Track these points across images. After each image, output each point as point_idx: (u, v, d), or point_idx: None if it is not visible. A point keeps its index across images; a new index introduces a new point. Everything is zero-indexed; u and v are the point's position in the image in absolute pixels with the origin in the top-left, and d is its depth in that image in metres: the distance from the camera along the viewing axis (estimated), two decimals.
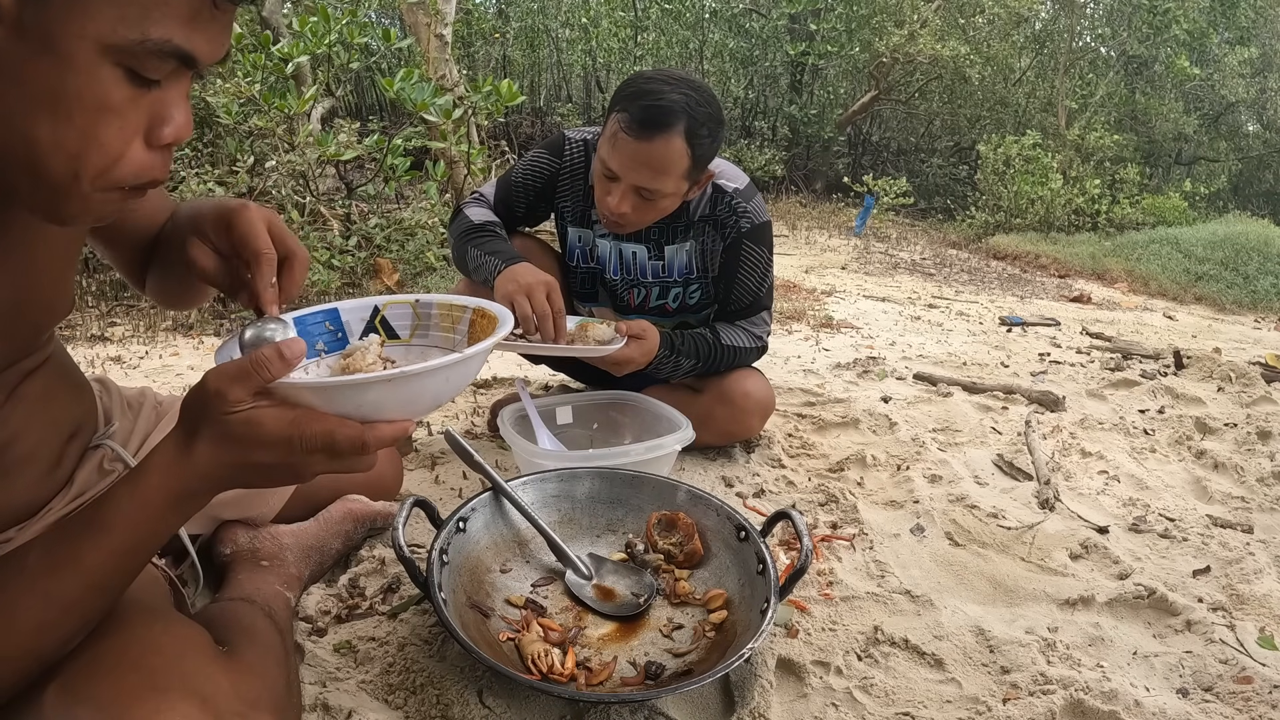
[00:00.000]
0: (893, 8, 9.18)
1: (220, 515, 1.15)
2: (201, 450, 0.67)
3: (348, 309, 0.90)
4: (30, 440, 0.83)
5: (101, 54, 0.57)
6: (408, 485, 1.56)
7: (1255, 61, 10.78)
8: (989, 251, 7.21)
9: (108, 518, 0.67)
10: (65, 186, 0.61)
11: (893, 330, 3.61)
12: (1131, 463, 2.03)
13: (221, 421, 0.66)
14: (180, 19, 0.58)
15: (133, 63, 0.58)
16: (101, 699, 0.66)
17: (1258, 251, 6.60)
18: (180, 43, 0.59)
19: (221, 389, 0.65)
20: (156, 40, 0.57)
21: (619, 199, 1.50)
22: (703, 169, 1.55)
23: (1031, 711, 1.05)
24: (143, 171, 0.63)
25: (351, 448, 0.68)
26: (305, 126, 3.96)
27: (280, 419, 0.66)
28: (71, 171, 0.60)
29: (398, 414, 0.70)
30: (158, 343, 2.67)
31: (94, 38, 0.56)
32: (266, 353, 0.65)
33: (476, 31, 8.49)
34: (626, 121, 1.44)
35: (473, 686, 1.00)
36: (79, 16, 0.55)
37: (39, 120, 0.57)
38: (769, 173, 9.11)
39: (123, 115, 0.60)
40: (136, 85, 0.59)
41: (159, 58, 0.59)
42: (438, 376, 0.71)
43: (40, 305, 0.79)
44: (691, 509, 1.29)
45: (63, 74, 0.56)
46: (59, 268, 0.80)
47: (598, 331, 1.56)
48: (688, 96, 1.45)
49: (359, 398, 0.68)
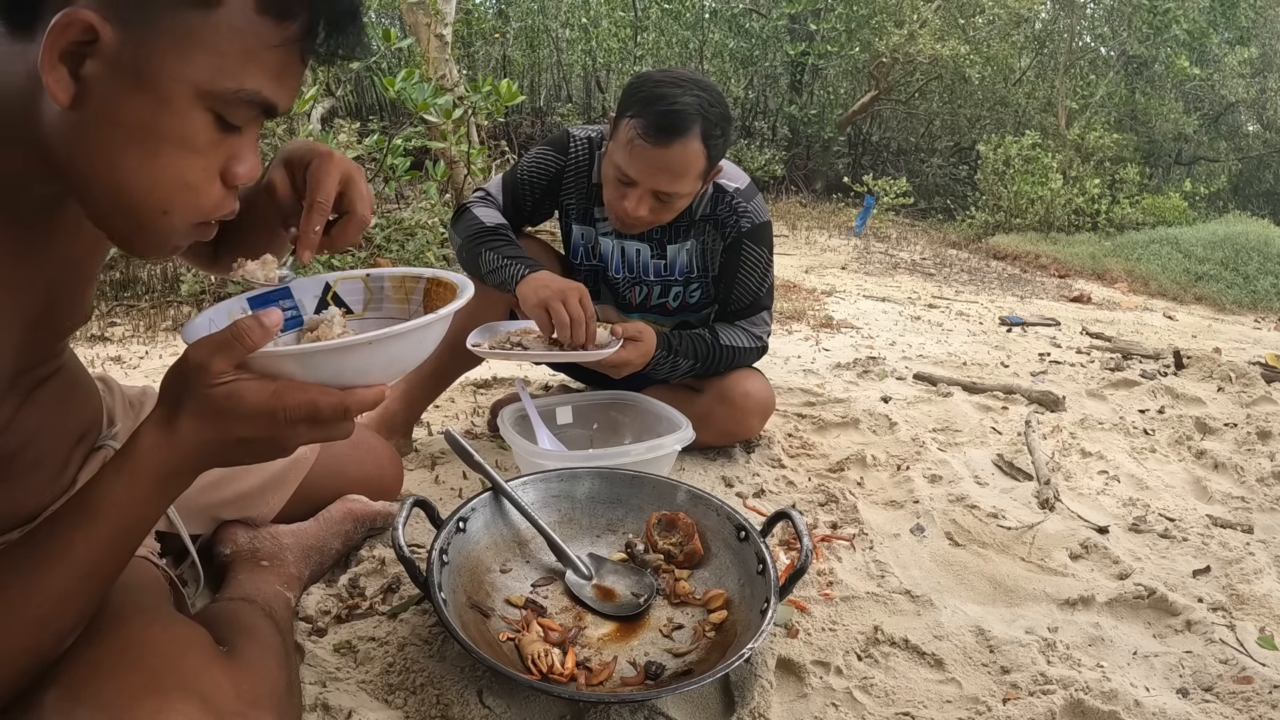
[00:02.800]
0: (893, 8, 9.18)
1: (220, 515, 1.15)
2: (185, 427, 0.67)
3: (299, 287, 0.90)
4: (42, 445, 0.83)
5: (197, 98, 0.61)
6: (408, 485, 1.56)
7: (1255, 61, 10.78)
8: (989, 251, 7.21)
9: (96, 506, 0.67)
10: (149, 219, 0.65)
11: (893, 330, 3.61)
12: (1131, 463, 2.03)
13: (204, 397, 0.66)
14: (270, 73, 0.64)
15: (223, 109, 0.63)
16: (102, 699, 0.66)
17: (1258, 251, 6.60)
18: (268, 95, 0.64)
19: (204, 362, 0.65)
20: (249, 91, 0.63)
21: (636, 203, 1.51)
22: (714, 167, 1.57)
23: (1031, 711, 1.05)
24: (218, 208, 0.68)
25: (334, 415, 0.68)
26: (305, 126, 3.97)
27: (262, 391, 0.66)
28: (156, 205, 0.64)
29: (377, 378, 0.71)
30: (158, 343, 2.67)
31: (191, 82, 0.61)
32: (246, 322, 0.66)
33: (476, 31, 8.48)
34: (643, 128, 1.44)
35: (473, 686, 1.00)
36: (181, 61, 0.60)
37: (128, 153, 0.61)
38: (769, 173, 9.11)
39: (206, 156, 0.64)
40: (221, 129, 0.64)
41: (247, 106, 0.64)
42: (415, 336, 0.72)
43: (64, 314, 0.80)
44: (691, 509, 1.29)
45: (157, 112, 0.61)
46: (85, 278, 0.81)
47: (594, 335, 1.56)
48: (700, 98, 1.46)
49: (340, 363, 0.68)
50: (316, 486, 1.23)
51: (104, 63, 0.58)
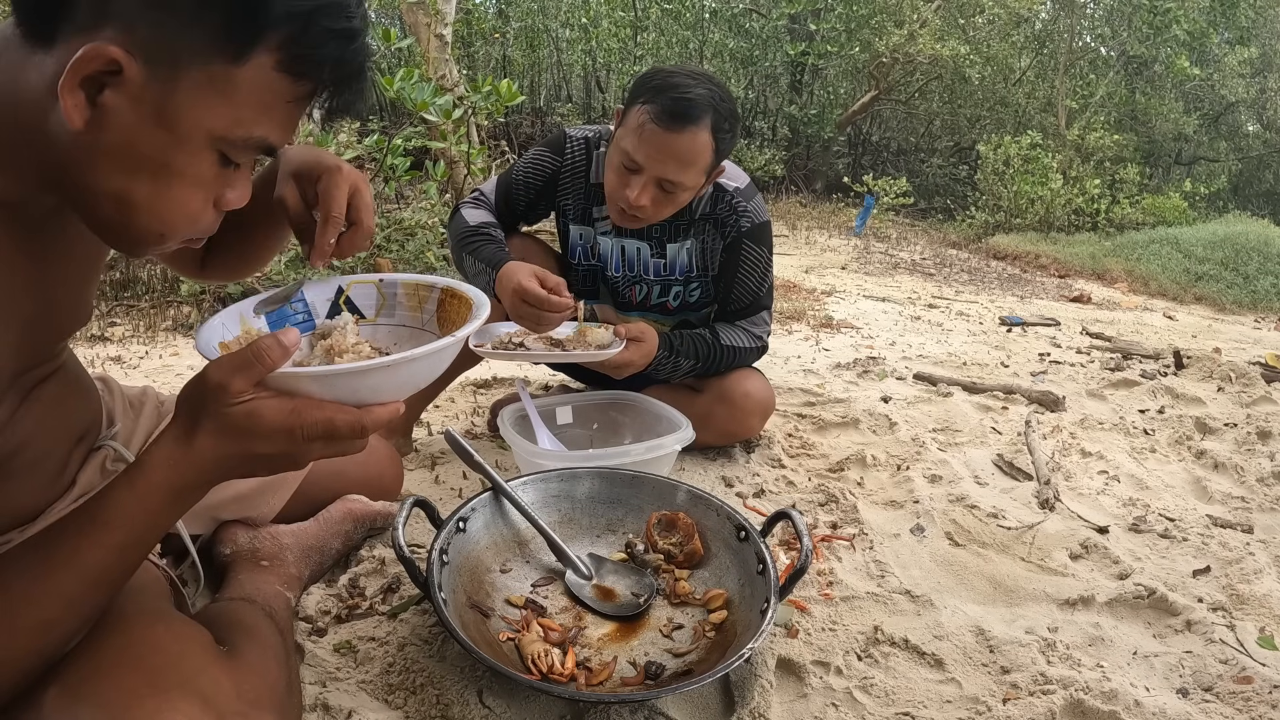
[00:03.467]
0: (893, 8, 9.18)
1: (220, 515, 1.15)
2: (203, 443, 0.68)
3: (312, 289, 0.91)
4: (41, 445, 0.83)
5: (210, 141, 0.66)
6: (408, 485, 1.56)
7: (1255, 61, 10.78)
8: (989, 251, 7.20)
9: (107, 515, 0.67)
10: (148, 237, 0.70)
11: (893, 330, 3.60)
12: (1131, 463, 2.03)
13: (223, 415, 0.67)
14: (278, 123, 0.69)
15: (230, 150, 0.68)
16: (103, 699, 0.66)
17: (1258, 251, 6.60)
18: (274, 141, 0.69)
19: (224, 381, 0.67)
20: (258, 138, 0.68)
21: (639, 191, 1.50)
22: (719, 164, 1.57)
23: (1031, 711, 1.05)
24: (208, 230, 0.73)
25: (350, 432, 0.70)
26: (305, 126, 3.97)
27: (280, 409, 0.68)
28: (158, 229, 0.69)
29: (392, 396, 0.73)
30: (158, 343, 2.67)
31: (208, 129, 0.65)
32: (266, 341, 0.68)
33: (476, 31, 8.48)
34: (655, 113, 1.45)
35: (473, 686, 1.00)
36: (202, 108, 0.64)
37: (139, 181, 0.65)
38: (769, 173, 9.11)
39: (208, 188, 0.69)
40: (224, 165, 0.69)
41: (252, 149, 0.69)
42: (434, 359, 0.74)
43: (65, 314, 0.80)
44: (691, 509, 1.29)
45: (174, 150, 0.65)
46: (85, 279, 0.82)
47: (596, 335, 1.56)
48: (712, 92, 1.48)
49: (358, 383, 0.70)
50: (316, 486, 1.23)
51: (125, 96, 0.61)
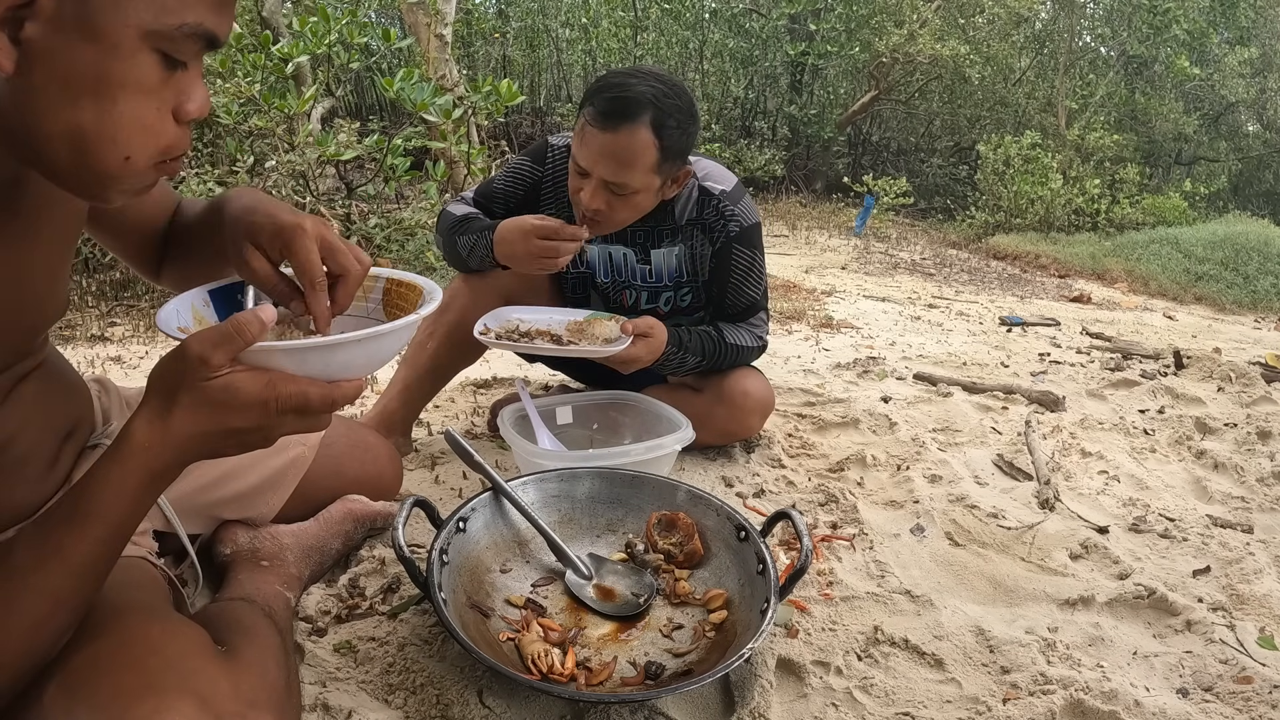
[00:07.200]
0: (893, 8, 9.17)
1: (220, 515, 1.15)
2: (179, 419, 0.68)
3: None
4: (26, 441, 0.83)
5: (142, 40, 0.61)
6: (408, 485, 1.56)
7: (1255, 61, 10.77)
8: (989, 251, 7.20)
9: (88, 506, 0.67)
10: (113, 166, 0.65)
11: (893, 330, 3.60)
12: (1131, 463, 2.03)
13: (201, 388, 0.67)
14: (208, 5, 0.63)
15: (168, 47, 0.63)
16: (101, 699, 0.66)
17: (1258, 251, 6.60)
18: (210, 26, 0.64)
19: (204, 354, 0.67)
20: (192, 25, 0.62)
21: (590, 194, 1.50)
22: (675, 163, 1.52)
23: (1031, 711, 1.05)
24: (175, 145, 0.68)
25: (322, 406, 0.71)
26: (305, 126, 3.97)
27: (255, 382, 0.68)
28: (119, 152, 0.64)
29: (359, 372, 0.76)
30: (158, 343, 2.67)
31: (136, 25, 0.60)
32: (245, 316, 0.68)
33: (476, 31, 8.49)
34: (591, 114, 1.45)
35: (473, 686, 1.00)
36: (123, 6, 0.59)
37: (84, 106, 0.61)
38: (769, 173, 9.09)
39: (159, 95, 0.64)
40: (168, 68, 0.64)
41: (191, 40, 0.64)
42: (398, 335, 0.77)
43: (35, 308, 0.80)
44: (691, 509, 1.29)
45: (108, 61, 0.60)
46: (53, 270, 0.81)
47: (604, 329, 1.55)
48: (655, 88, 1.45)
49: (329, 358, 0.72)
50: (316, 486, 1.23)
51: (44, 23, 0.58)
